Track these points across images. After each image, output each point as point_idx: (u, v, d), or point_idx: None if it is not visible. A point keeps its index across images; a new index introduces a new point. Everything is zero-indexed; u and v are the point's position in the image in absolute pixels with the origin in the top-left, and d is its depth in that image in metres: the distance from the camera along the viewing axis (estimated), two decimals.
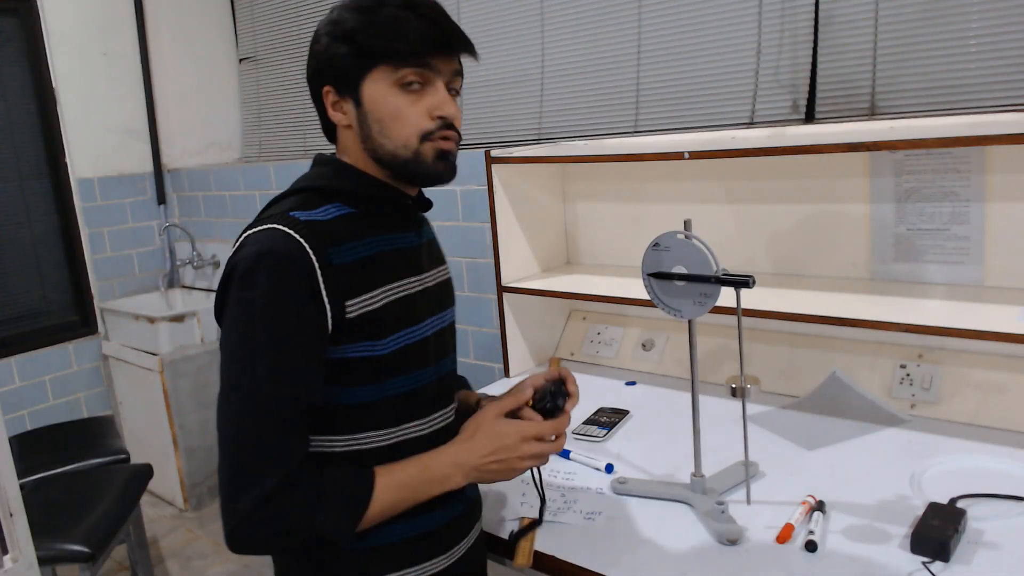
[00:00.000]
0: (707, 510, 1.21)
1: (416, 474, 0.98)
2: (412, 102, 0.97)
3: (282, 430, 0.91)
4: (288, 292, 0.90)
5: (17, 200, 3.15)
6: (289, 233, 0.91)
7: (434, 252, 1.14)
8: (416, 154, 0.98)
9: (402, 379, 1.01)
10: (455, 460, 1.00)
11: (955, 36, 1.62)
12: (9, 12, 3.07)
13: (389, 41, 0.94)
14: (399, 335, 0.99)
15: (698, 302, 1.18)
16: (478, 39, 2.50)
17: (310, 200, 0.99)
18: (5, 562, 1.21)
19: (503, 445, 1.01)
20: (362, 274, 0.96)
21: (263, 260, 0.90)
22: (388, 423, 1.01)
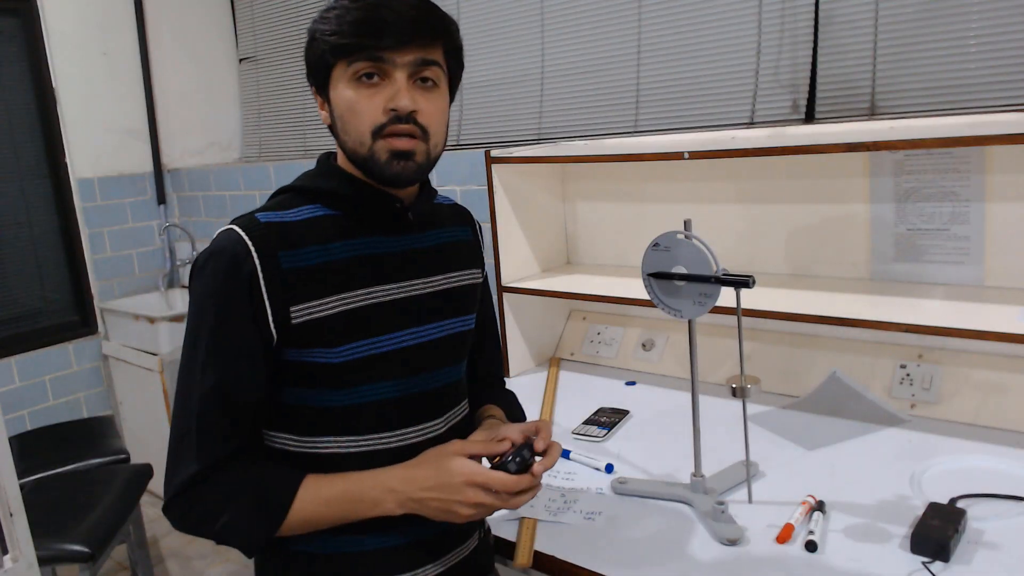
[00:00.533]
0: (707, 510, 1.21)
1: (342, 493, 0.94)
2: (368, 96, 0.93)
3: (207, 424, 0.93)
4: (226, 292, 0.92)
5: (17, 200, 3.15)
6: (240, 235, 0.93)
7: (445, 258, 1.08)
8: (371, 152, 0.95)
9: (361, 390, 0.98)
10: (389, 486, 0.94)
11: (955, 36, 1.62)
12: (9, 12, 3.06)
13: (335, 37, 0.93)
14: (354, 345, 0.96)
15: (698, 302, 1.18)
16: (478, 39, 2.50)
17: (291, 200, 1.00)
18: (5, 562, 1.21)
19: (446, 484, 0.93)
20: (314, 281, 0.95)
21: (210, 259, 0.94)
22: (357, 430, 0.99)
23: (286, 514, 0.93)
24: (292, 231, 0.96)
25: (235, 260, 0.92)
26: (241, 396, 0.94)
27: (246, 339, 0.93)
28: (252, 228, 0.94)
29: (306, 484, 0.95)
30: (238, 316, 0.93)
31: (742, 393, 1.17)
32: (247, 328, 0.93)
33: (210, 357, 0.93)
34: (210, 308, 0.93)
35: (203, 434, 0.93)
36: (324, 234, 0.97)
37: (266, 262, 0.93)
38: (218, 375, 0.93)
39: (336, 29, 0.93)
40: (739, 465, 1.36)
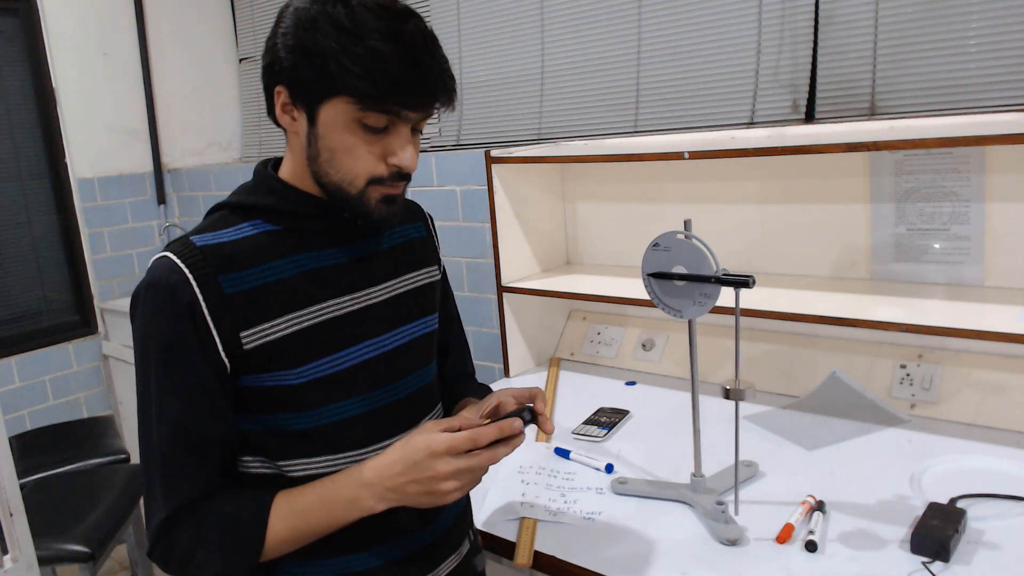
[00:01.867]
0: (707, 510, 1.21)
1: (316, 500, 0.90)
2: (370, 142, 0.88)
3: (172, 466, 0.89)
4: (168, 327, 0.87)
5: (17, 200, 3.15)
6: (175, 263, 0.87)
7: (399, 259, 1.04)
8: (361, 194, 0.91)
9: (327, 409, 0.94)
10: (362, 481, 0.89)
11: (955, 36, 1.62)
12: (9, 12, 3.06)
13: (365, 81, 0.84)
14: (315, 365, 0.92)
15: (698, 302, 1.18)
16: (478, 39, 2.50)
17: (228, 218, 0.94)
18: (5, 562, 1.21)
19: (413, 462, 0.87)
20: (260, 302, 0.90)
21: (146, 293, 0.89)
22: (329, 450, 0.95)
23: (263, 539, 0.89)
24: (231, 252, 0.90)
25: (172, 291, 0.87)
26: (204, 432, 0.90)
27: (198, 373, 0.88)
28: (187, 254, 0.88)
29: (277, 503, 0.90)
30: (185, 350, 0.87)
31: (736, 395, 1.16)
32: (197, 361, 0.88)
33: (164, 397, 0.88)
34: (154, 346, 0.88)
35: (169, 477, 0.89)
36: (266, 252, 0.92)
37: (206, 289, 0.87)
38: (176, 415, 0.88)
39: (364, 73, 0.83)
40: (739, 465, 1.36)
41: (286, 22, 0.89)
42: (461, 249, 2.47)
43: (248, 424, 0.94)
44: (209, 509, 0.90)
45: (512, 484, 1.39)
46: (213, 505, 0.90)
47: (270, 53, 0.91)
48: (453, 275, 2.51)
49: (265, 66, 0.92)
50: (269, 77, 0.91)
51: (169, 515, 0.88)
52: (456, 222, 2.46)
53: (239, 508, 0.90)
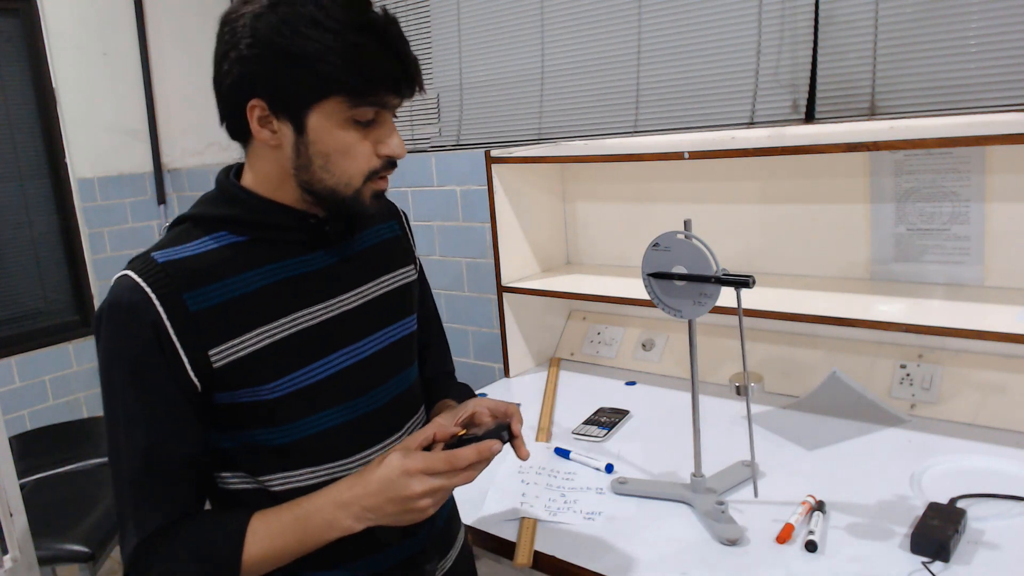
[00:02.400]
0: (707, 510, 1.21)
1: (292, 520, 0.87)
2: (361, 138, 0.88)
3: (143, 492, 0.86)
4: (132, 349, 0.84)
5: (17, 200, 3.15)
6: (137, 282, 0.85)
7: (373, 262, 1.02)
8: (356, 193, 0.90)
9: (305, 422, 0.92)
10: (339, 501, 0.87)
11: (955, 36, 1.62)
12: (9, 12, 3.06)
13: (358, 76, 0.83)
14: (290, 378, 0.90)
15: (698, 302, 1.18)
16: (478, 39, 2.50)
17: (191, 231, 0.90)
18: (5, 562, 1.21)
19: (388, 482, 0.86)
20: (228, 318, 0.87)
21: (108, 314, 0.85)
22: (312, 462, 0.93)
23: (239, 563, 0.86)
24: (195, 267, 0.87)
25: (134, 312, 0.84)
26: (174, 455, 0.87)
27: (165, 395, 0.85)
28: (148, 271, 0.85)
29: (253, 525, 0.87)
30: (151, 373, 0.84)
31: (746, 391, 1.17)
32: (164, 383, 0.85)
33: (132, 421, 0.85)
34: (119, 369, 0.85)
35: (141, 502, 0.86)
36: (233, 265, 0.89)
37: (170, 307, 0.84)
38: (145, 439, 0.85)
39: (355, 70, 0.83)
40: (739, 465, 1.36)
41: (245, 33, 0.84)
42: (461, 249, 2.47)
43: (225, 441, 0.91)
44: (184, 533, 0.87)
45: (512, 484, 1.39)
46: (188, 529, 0.87)
47: (236, 67, 0.85)
48: (453, 275, 2.51)
49: (231, 83, 0.86)
50: (237, 93, 0.86)
51: (143, 541, 0.85)
52: (456, 222, 2.46)
53: (214, 531, 0.88)
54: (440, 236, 2.53)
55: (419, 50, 2.69)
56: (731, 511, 1.22)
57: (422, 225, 2.56)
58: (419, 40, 2.68)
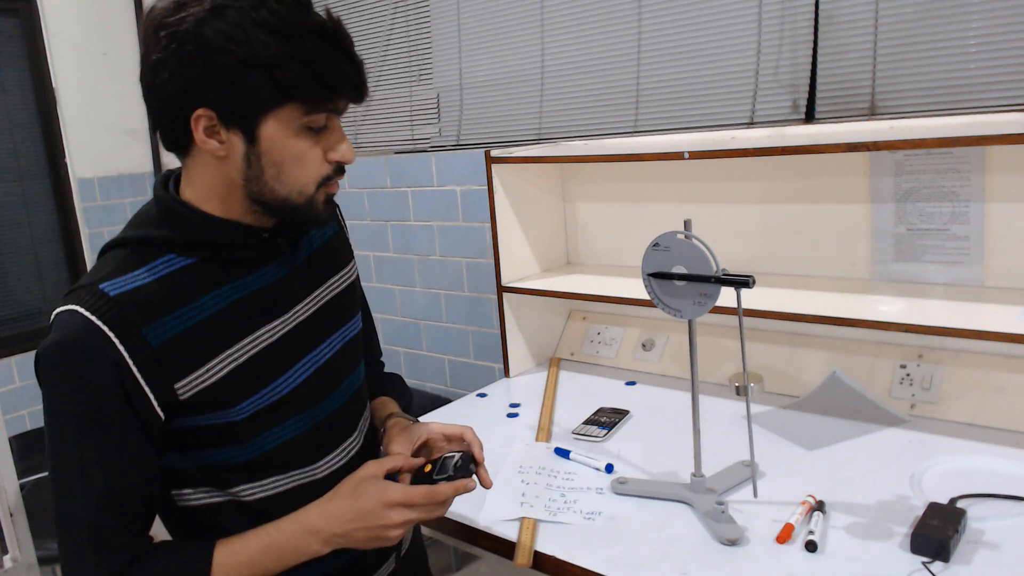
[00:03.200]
0: (707, 510, 1.21)
1: (261, 549, 0.87)
2: (312, 145, 0.85)
3: (102, 535, 0.82)
4: (91, 392, 0.79)
5: (17, 200, 3.15)
6: (89, 319, 0.79)
7: (320, 267, 1.00)
8: (310, 201, 0.87)
9: (271, 434, 0.91)
10: (309, 527, 0.88)
11: (955, 36, 1.62)
12: (9, 12, 3.06)
13: (313, 81, 0.80)
14: (256, 397, 0.89)
15: (698, 302, 1.18)
16: (478, 39, 2.49)
17: (132, 259, 0.85)
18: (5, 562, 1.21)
19: (365, 511, 0.87)
20: (191, 348, 0.84)
21: (58, 355, 0.80)
22: (276, 472, 0.93)
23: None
24: (148, 298, 0.82)
25: (91, 353, 0.79)
26: (133, 495, 0.84)
27: (126, 438, 0.82)
28: (100, 307, 0.80)
29: (218, 556, 0.85)
30: (111, 415, 0.80)
31: (746, 391, 1.17)
32: (125, 424, 0.81)
33: (88, 465, 0.81)
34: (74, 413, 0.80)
35: (99, 546, 0.82)
36: (187, 291, 0.85)
37: (131, 344, 0.80)
38: (103, 482, 0.81)
39: (313, 76, 0.80)
40: (739, 465, 1.36)
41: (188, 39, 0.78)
42: (461, 249, 2.47)
43: (184, 462, 0.89)
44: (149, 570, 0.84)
45: (512, 484, 1.39)
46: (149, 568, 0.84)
47: (179, 76, 0.79)
48: (453, 275, 2.51)
49: (173, 92, 0.81)
50: (181, 102, 0.81)
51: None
52: (456, 222, 2.46)
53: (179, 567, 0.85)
54: (440, 236, 2.53)
55: (419, 50, 2.69)
56: (731, 511, 1.22)
57: (422, 225, 2.56)
58: (419, 40, 2.68)
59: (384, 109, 2.82)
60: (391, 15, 2.78)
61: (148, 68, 0.82)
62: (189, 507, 0.92)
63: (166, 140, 0.88)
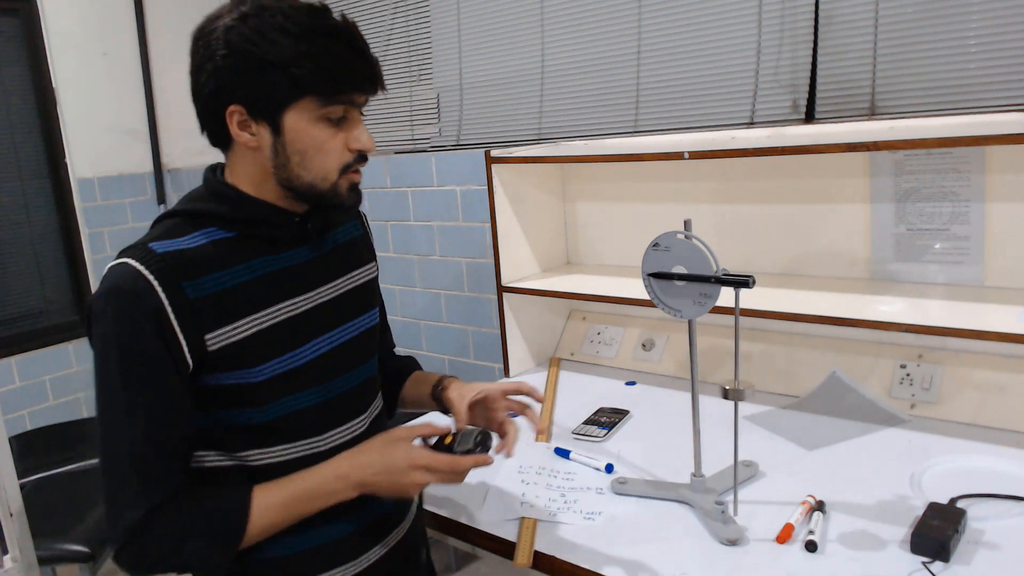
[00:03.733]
0: (707, 510, 1.21)
1: (297, 493, 0.97)
2: (333, 135, 0.96)
3: (140, 466, 0.91)
4: (134, 331, 0.89)
5: (17, 200, 3.15)
6: (138, 269, 0.90)
7: (344, 259, 1.10)
8: (333, 187, 0.98)
9: (286, 401, 0.99)
10: (341, 474, 0.99)
11: (955, 36, 1.62)
12: (9, 12, 3.06)
13: (326, 77, 0.91)
14: (276, 362, 0.97)
15: (698, 302, 1.18)
16: (478, 39, 2.50)
17: (181, 226, 0.96)
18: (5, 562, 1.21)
19: (392, 467, 0.99)
20: (223, 306, 0.94)
21: (110, 299, 0.90)
22: (284, 440, 1.00)
23: (244, 532, 0.94)
24: (191, 259, 0.93)
25: (138, 297, 0.89)
26: (173, 433, 0.93)
27: (165, 376, 0.91)
28: (150, 261, 0.91)
29: (256, 498, 0.95)
30: (153, 355, 0.90)
31: (735, 395, 1.17)
32: (164, 365, 0.90)
33: (133, 400, 0.90)
34: (120, 351, 0.90)
35: (143, 478, 0.91)
36: (225, 258, 0.95)
37: (172, 294, 0.90)
38: (146, 418, 0.91)
39: (324, 71, 0.90)
40: (739, 465, 1.36)
41: (219, 45, 0.90)
42: (461, 249, 2.47)
43: (205, 421, 0.97)
44: (187, 506, 0.93)
45: (512, 484, 1.39)
46: (190, 503, 0.94)
47: (213, 78, 0.92)
48: (453, 275, 2.51)
49: (210, 92, 0.93)
50: (217, 101, 0.93)
51: (145, 515, 0.90)
52: (456, 222, 2.46)
53: (220, 503, 0.95)
54: (440, 236, 2.53)
55: (419, 50, 2.69)
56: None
57: (422, 225, 2.56)
58: (419, 40, 2.69)
59: (384, 109, 2.82)
60: (391, 15, 2.78)
61: (192, 76, 0.95)
62: (201, 468, 1.00)
63: (211, 137, 0.99)
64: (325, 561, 1.05)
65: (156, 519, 0.91)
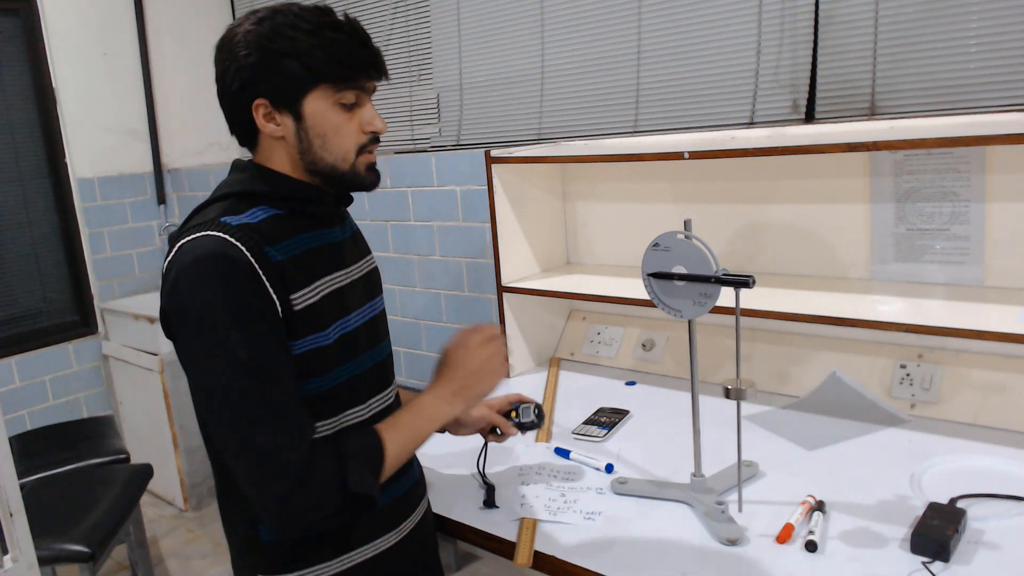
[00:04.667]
0: (707, 510, 1.21)
1: (410, 418, 1.07)
2: (349, 119, 1.04)
3: (285, 411, 0.95)
4: (238, 289, 0.94)
5: (17, 200, 3.15)
6: (223, 237, 0.95)
7: (359, 245, 1.20)
8: (353, 167, 1.06)
9: (345, 367, 1.06)
10: (434, 395, 1.10)
11: (955, 36, 1.62)
12: (9, 12, 3.06)
13: (336, 65, 1.00)
14: (337, 324, 1.05)
15: (698, 302, 1.18)
16: (478, 39, 2.50)
17: (235, 206, 1.02)
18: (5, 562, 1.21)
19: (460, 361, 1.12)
20: (299, 269, 1.01)
21: (205, 265, 0.94)
22: (331, 412, 1.05)
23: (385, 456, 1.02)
24: (261, 230, 1.00)
25: (233, 260, 0.94)
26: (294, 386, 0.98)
27: (274, 327, 0.96)
28: (230, 231, 0.97)
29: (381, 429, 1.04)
30: (261, 310, 0.95)
31: (737, 395, 1.17)
32: (270, 317, 0.96)
33: (257, 356, 0.94)
34: (230, 311, 0.93)
35: (295, 422, 0.95)
36: (285, 230, 1.03)
37: (259, 258, 0.96)
38: (274, 369, 0.95)
39: (335, 60, 1.00)
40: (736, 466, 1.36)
41: (240, 47, 1.00)
42: (461, 249, 2.47)
43: None
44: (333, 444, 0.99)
45: (512, 484, 1.39)
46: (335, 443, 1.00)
47: (239, 76, 1.01)
48: (453, 275, 2.51)
49: (236, 90, 1.02)
50: (244, 97, 1.02)
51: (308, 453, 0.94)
52: (456, 222, 2.46)
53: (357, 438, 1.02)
54: (440, 236, 2.53)
55: (419, 50, 2.69)
56: (731, 511, 1.22)
57: (422, 225, 2.56)
58: (419, 40, 2.69)
59: (384, 109, 2.82)
60: (391, 15, 2.78)
61: (218, 80, 1.04)
62: None
63: (240, 136, 1.07)
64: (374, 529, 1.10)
65: (317, 457, 0.95)
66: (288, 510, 0.93)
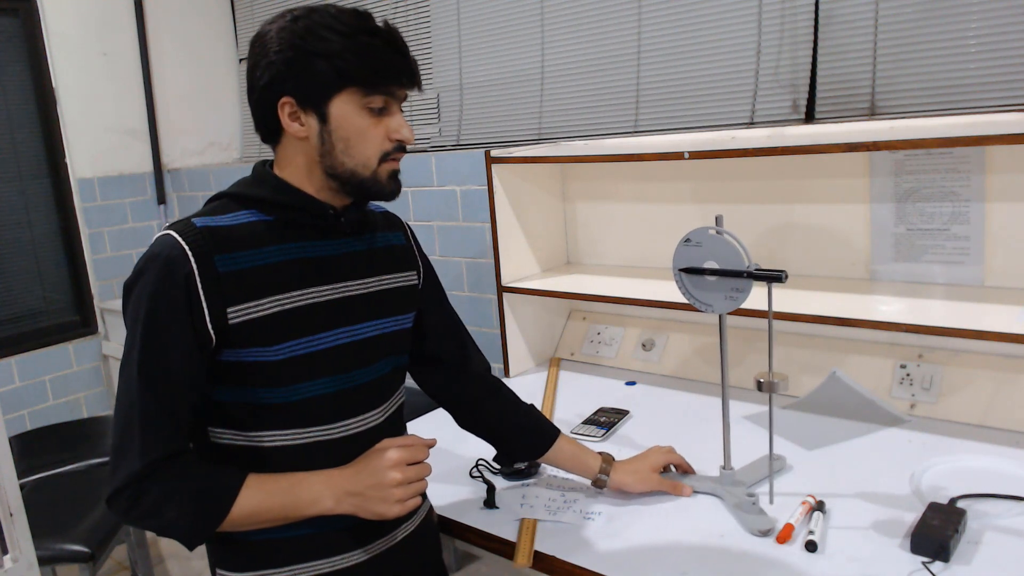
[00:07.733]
0: (738, 502, 1.22)
1: (286, 488, 1.01)
2: (375, 124, 1.02)
3: (151, 422, 0.96)
4: (162, 294, 0.96)
5: (17, 200, 3.15)
6: (176, 239, 0.97)
7: (379, 261, 1.14)
8: (374, 174, 1.04)
9: (311, 384, 1.04)
10: (328, 481, 1.02)
11: (955, 36, 1.62)
12: (9, 12, 3.06)
13: (368, 69, 0.99)
14: (291, 344, 1.01)
15: (730, 297, 1.19)
16: (478, 39, 2.50)
17: (227, 205, 1.04)
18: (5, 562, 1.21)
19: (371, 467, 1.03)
20: (248, 283, 0.99)
21: (147, 264, 0.97)
22: (295, 424, 1.04)
23: (230, 508, 0.97)
24: (227, 235, 1.00)
25: (171, 264, 0.96)
26: (182, 396, 0.98)
27: (183, 339, 0.96)
28: (188, 233, 0.98)
29: (249, 480, 1.00)
30: (175, 317, 0.96)
31: (769, 388, 1.17)
32: (184, 329, 0.96)
33: (150, 358, 0.96)
34: (147, 310, 0.96)
35: (145, 432, 0.95)
36: (259, 238, 1.02)
37: (202, 265, 0.97)
38: (159, 375, 0.96)
39: (366, 64, 0.98)
40: (766, 459, 1.36)
41: (273, 43, 1.00)
42: (461, 249, 2.47)
43: (225, 395, 1.02)
44: (182, 469, 0.98)
45: (512, 484, 1.39)
46: (186, 467, 0.98)
47: (267, 72, 1.00)
48: (453, 275, 2.51)
49: (264, 86, 1.01)
50: (271, 94, 1.01)
51: (143, 467, 0.95)
52: (456, 222, 2.46)
53: (213, 474, 0.99)
54: (440, 236, 2.53)
55: (419, 50, 2.69)
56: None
57: (422, 225, 2.56)
58: (419, 40, 2.69)
59: None
60: (391, 15, 2.78)
61: (248, 74, 1.03)
62: (217, 444, 1.05)
63: (263, 133, 1.06)
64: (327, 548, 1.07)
65: (152, 474, 0.95)
66: (113, 508, 0.96)
